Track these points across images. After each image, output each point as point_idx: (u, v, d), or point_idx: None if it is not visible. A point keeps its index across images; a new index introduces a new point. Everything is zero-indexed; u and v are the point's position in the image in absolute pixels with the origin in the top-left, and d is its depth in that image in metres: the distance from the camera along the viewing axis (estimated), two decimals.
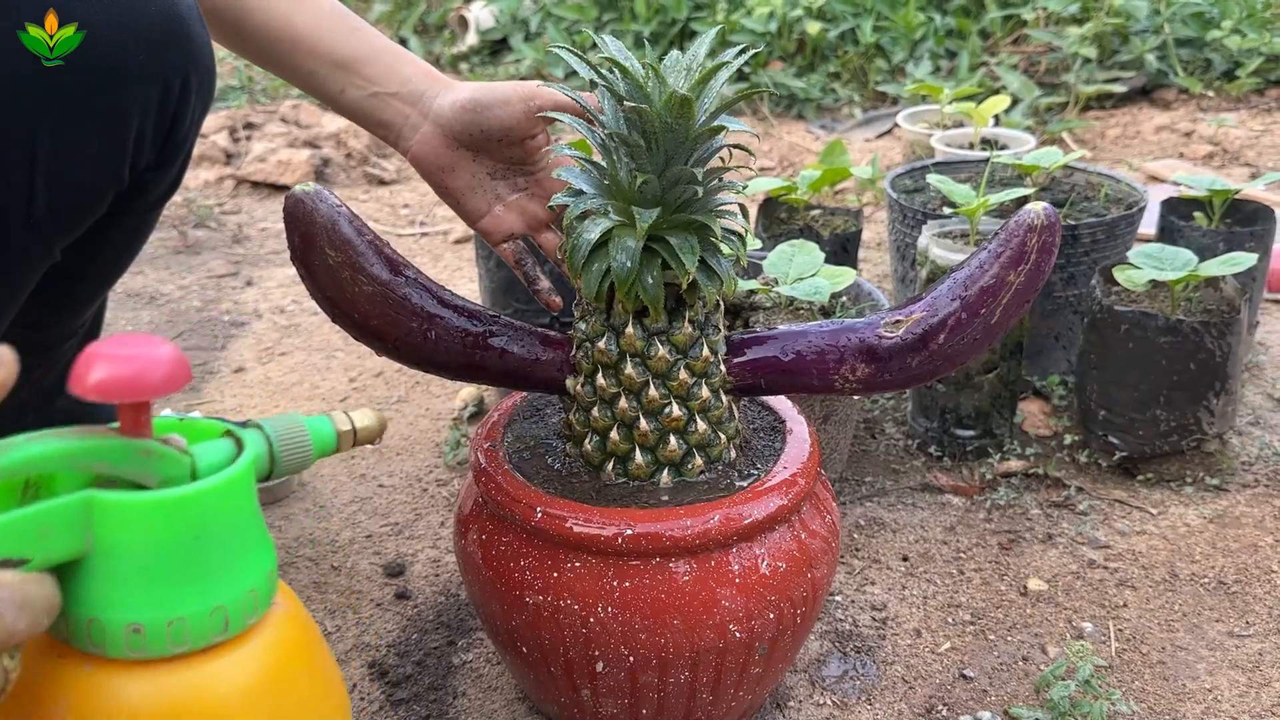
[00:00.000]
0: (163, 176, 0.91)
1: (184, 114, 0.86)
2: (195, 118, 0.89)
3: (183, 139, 0.89)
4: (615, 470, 0.76)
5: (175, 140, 0.88)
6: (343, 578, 1.01)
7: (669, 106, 0.67)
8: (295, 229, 0.67)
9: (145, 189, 0.90)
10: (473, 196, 0.90)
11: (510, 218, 0.91)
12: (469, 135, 0.86)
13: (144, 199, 0.92)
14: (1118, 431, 1.13)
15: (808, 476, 0.76)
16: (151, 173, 0.89)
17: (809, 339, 0.76)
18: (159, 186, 0.92)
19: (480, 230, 0.92)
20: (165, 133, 0.86)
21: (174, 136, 0.87)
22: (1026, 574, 1.01)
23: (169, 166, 0.91)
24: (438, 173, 0.88)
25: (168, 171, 0.91)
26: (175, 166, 0.92)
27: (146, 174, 0.88)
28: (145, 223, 0.97)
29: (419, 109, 0.87)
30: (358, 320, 0.70)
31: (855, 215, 1.40)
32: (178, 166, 0.92)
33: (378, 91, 0.86)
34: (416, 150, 0.88)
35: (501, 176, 0.90)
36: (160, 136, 0.86)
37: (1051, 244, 0.73)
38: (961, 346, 0.74)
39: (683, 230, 0.71)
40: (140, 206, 0.92)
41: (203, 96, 0.88)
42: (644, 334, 0.73)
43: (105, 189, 0.84)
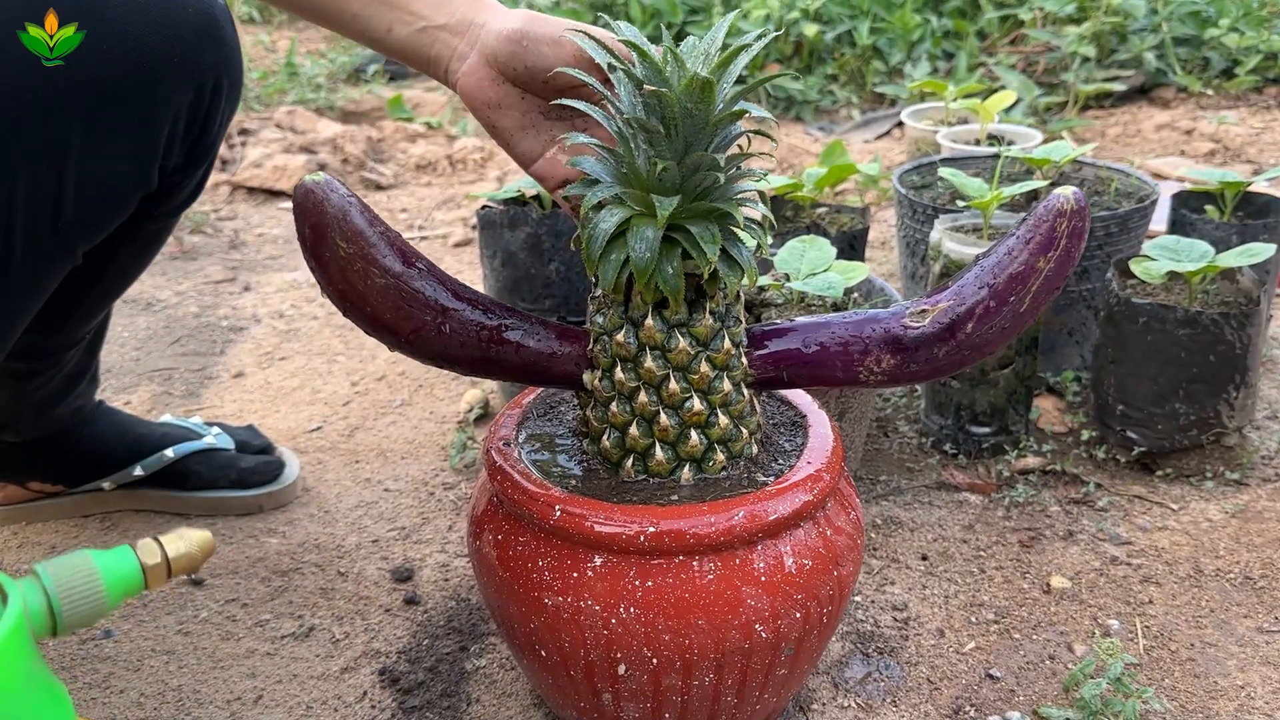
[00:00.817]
0: (188, 180, 0.90)
1: (214, 116, 0.85)
2: (224, 121, 0.88)
3: (211, 142, 0.88)
4: (635, 467, 0.74)
5: (205, 143, 0.87)
6: (350, 583, 0.99)
7: (689, 90, 0.65)
8: (305, 220, 0.65)
9: (170, 193, 0.89)
10: (524, 138, 0.79)
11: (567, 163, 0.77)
12: (514, 71, 0.75)
13: (168, 203, 0.90)
14: (1136, 426, 1.11)
15: (832, 471, 0.74)
16: (178, 175, 0.88)
17: (832, 330, 0.74)
18: (183, 191, 0.91)
19: (534, 175, 0.81)
20: (196, 135, 0.85)
21: (204, 139, 0.86)
22: (1049, 571, 0.99)
23: (195, 170, 0.90)
24: (485, 109, 0.78)
25: (193, 175, 0.90)
26: (201, 170, 0.91)
27: (173, 177, 0.87)
28: (164, 229, 0.95)
29: (467, 38, 0.77)
30: (370, 314, 0.68)
31: (862, 213, 1.38)
32: (203, 171, 0.91)
33: (425, 25, 0.77)
34: (463, 83, 0.77)
35: (558, 117, 0.79)
36: (191, 138, 0.85)
37: (1081, 229, 0.71)
38: (990, 335, 0.72)
39: (703, 218, 0.69)
40: (163, 211, 0.91)
41: (232, 100, 0.87)
42: (664, 326, 0.71)
43: (134, 191, 0.82)
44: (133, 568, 0.52)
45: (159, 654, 0.91)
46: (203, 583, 1.00)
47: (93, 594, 0.50)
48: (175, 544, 0.53)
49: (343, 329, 1.51)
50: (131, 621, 0.95)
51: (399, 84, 2.89)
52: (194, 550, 0.54)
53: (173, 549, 0.53)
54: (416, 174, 2.19)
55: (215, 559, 1.03)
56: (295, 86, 2.74)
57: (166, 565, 0.53)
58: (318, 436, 1.24)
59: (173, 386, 1.36)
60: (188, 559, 0.54)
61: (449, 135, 2.38)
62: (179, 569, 0.54)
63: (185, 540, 0.54)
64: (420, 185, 2.14)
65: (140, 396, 1.33)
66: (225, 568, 1.02)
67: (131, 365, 1.41)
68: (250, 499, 1.09)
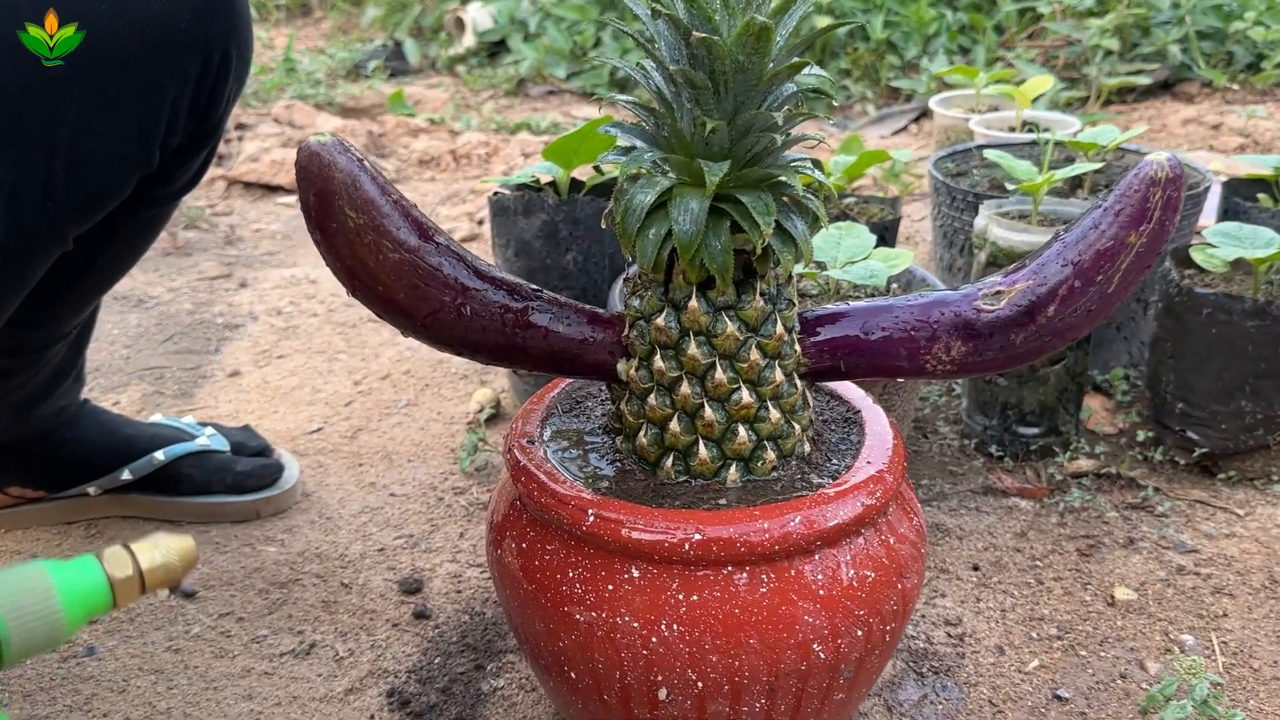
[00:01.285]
0: (190, 163, 0.83)
1: (221, 91, 0.79)
2: (231, 98, 0.82)
3: (218, 120, 0.82)
4: (675, 467, 0.66)
5: (211, 121, 0.81)
6: (354, 596, 0.91)
7: (744, 39, 0.57)
8: (310, 186, 0.58)
9: (171, 176, 0.82)
10: None
11: None
12: None
13: (167, 187, 0.84)
14: (1196, 425, 1.04)
15: (895, 473, 0.67)
16: (180, 157, 0.81)
17: (895, 314, 0.66)
18: (185, 174, 0.84)
19: None
20: (202, 111, 0.78)
21: (210, 116, 0.80)
22: (1111, 582, 0.92)
23: (199, 151, 0.83)
24: None
25: (196, 157, 0.84)
26: (204, 152, 0.84)
27: (175, 158, 0.80)
28: (160, 216, 0.88)
29: None
30: (381, 294, 0.60)
31: (892, 203, 1.31)
32: (206, 152, 0.85)
33: None
34: None
35: None
36: (196, 115, 0.78)
37: (1176, 200, 0.63)
38: (1074, 320, 0.64)
39: (755, 188, 0.61)
40: (161, 195, 0.84)
41: (240, 75, 0.81)
42: (709, 309, 0.64)
43: (133, 171, 0.76)
44: (98, 582, 0.43)
45: (146, 673, 0.83)
46: (195, 595, 0.92)
47: (47, 615, 0.42)
48: (150, 553, 0.44)
49: (344, 326, 1.43)
50: (117, 638, 0.87)
51: (400, 80, 2.82)
52: (172, 560, 0.46)
53: (146, 559, 0.44)
54: (419, 169, 2.12)
55: (209, 569, 0.95)
56: (293, 82, 2.67)
57: (139, 578, 0.45)
58: (318, 438, 1.16)
59: (164, 386, 1.28)
60: (164, 571, 0.45)
61: (452, 130, 2.31)
62: (155, 582, 0.45)
63: (162, 549, 0.45)
64: (423, 180, 2.06)
65: (130, 396, 1.26)
66: (219, 579, 0.94)
67: (121, 364, 1.33)
68: (247, 504, 1.01)
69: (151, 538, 0.45)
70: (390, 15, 3.26)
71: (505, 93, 2.72)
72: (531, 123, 2.35)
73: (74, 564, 0.42)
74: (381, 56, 2.93)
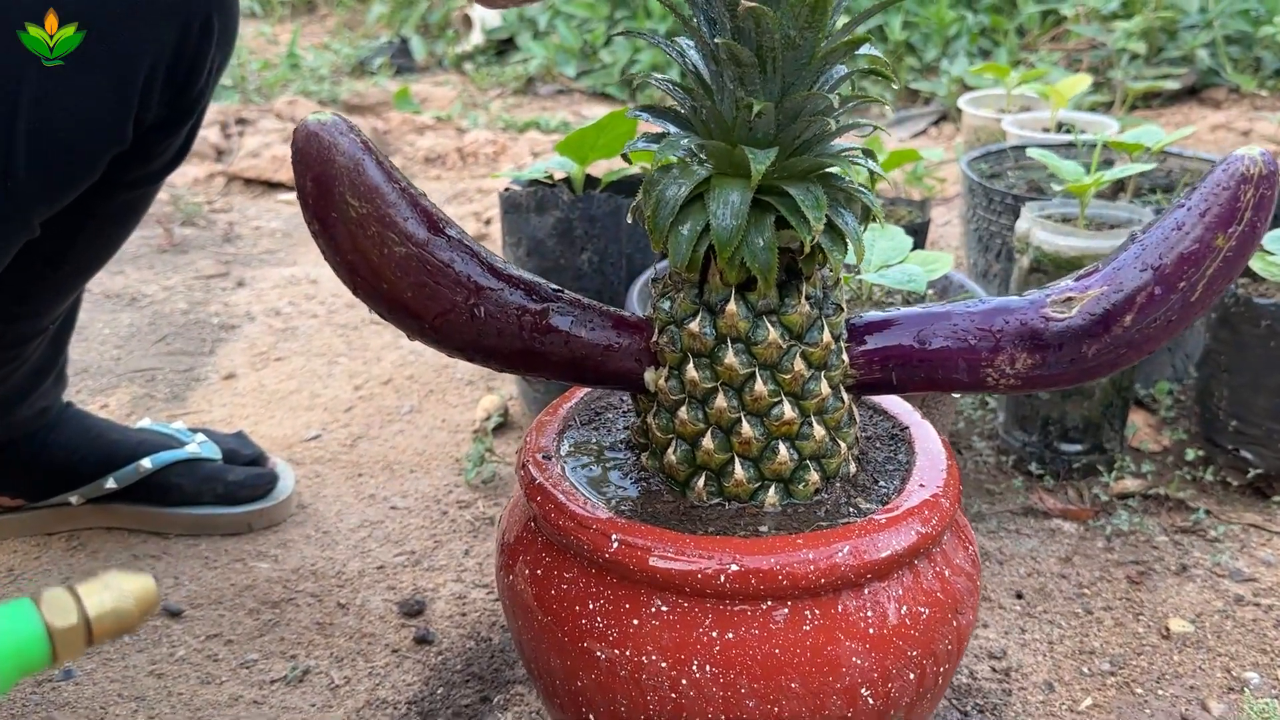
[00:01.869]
0: (170, 139, 0.77)
1: (202, 62, 0.72)
2: (215, 70, 0.75)
3: (199, 93, 0.75)
4: (707, 488, 0.60)
5: (191, 94, 0.74)
6: (351, 618, 0.85)
7: (796, 10, 0.51)
8: (307, 171, 0.52)
9: (148, 154, 0.76)
10: None
11: None
12: None
13: (145, 167, 0.77)
14: (1251, 445, 0.97)
15: (951, 497, 0.60)
16: (158, 133, 0.74)
17: (953, 322, 0.60)
18: (164, 152, 0.78)
19: None
20: (181, 83, 0.71)
21: (189, 89, 0.73)
22: (1165, 612, 0.85)
23: (179, 127, 0.76)
24: None
25: (176, 134, 0.77)
26: (185, 128, 0.77)
27: (152, 134, 0.74)
28: (141, 199, 0.82)
29: None
30: (386, 293, 0.54)
31: (921, 205, 1.25)
32: (188, 129, 0.78)
33: None
34: None
35: None
36: (174, 87, 0.71)
37: (1270, 199, 0.57)
38: (1152, 331, 0.58)
39: (803, 179, 0.55)
40: (139, 177, 0.78)
41: (224, 44, 0.74)
42: (749, 313, 0.57)
43: (103, 149, 0.69)
44: (33, 632, 0.36)
45: (127, 700, 0.77)
46: (181, 614, 0.86)
47: None
48: (98, 596, 0.37)
49: (345, 328, 1.37)
50: (96, 660, 0.81)
51: (406, 77, 2.76)
52: (126, 605, 0.38)
53: (94, 604, 0.37)
54: (425, 167, 2.06)
55: (197, 586, 0.89)
56: (297, 78, 2.61)
57: (85, 628, 0.37)
58: (316, 446, 1.10)
59: (155, 388, 1.22)
60: (115, 618, 0.38)
61: (459, 128, 2.25)
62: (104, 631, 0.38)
63: (113, 591, 0.38)
64: (429, 179, 2.00)
65: (119, 399, 1.19)
66: (208, 596, 0.88)
67: (111, 365, 1.27)
68: (238, 516, 0.95)
69: (102, 578, 0.38)
70: (397, 12, 3.20)
71: (514, 91, 2.67)
72: (540, 121, 2.29)
73: (7, 609, 0.35)
74: (387, 53, 2.87)
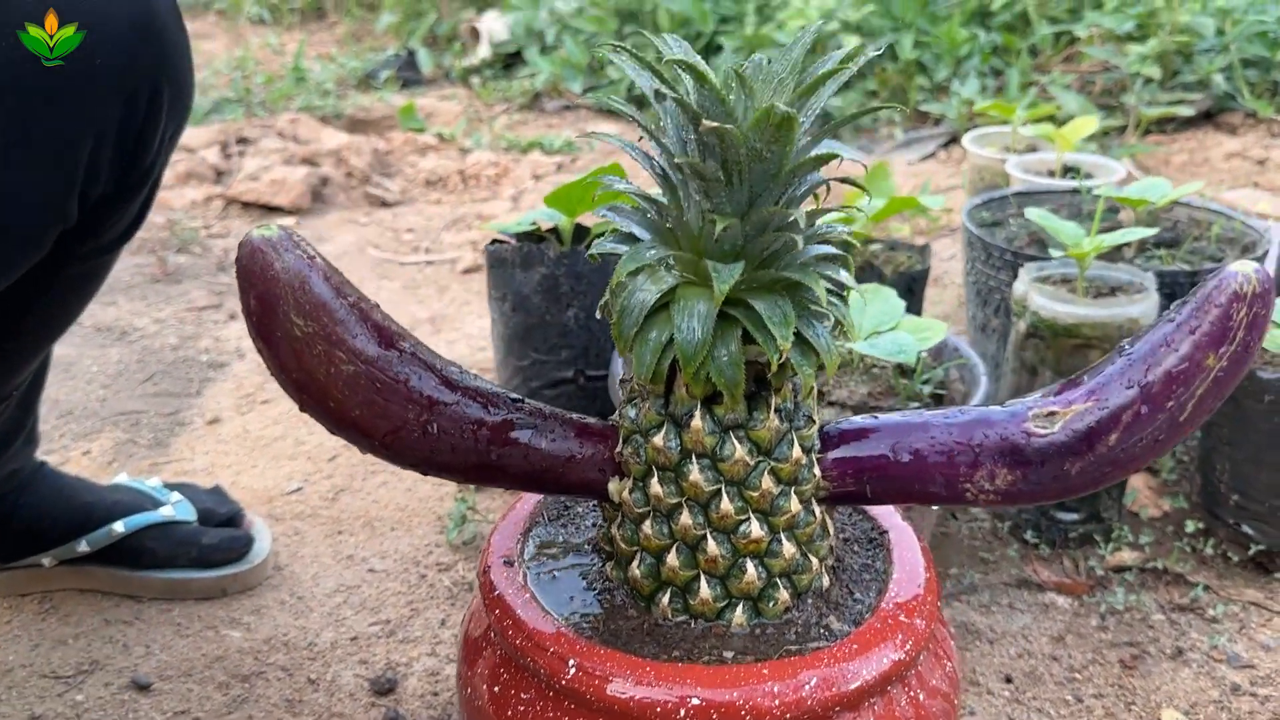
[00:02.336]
0: (120, 213, 0.74)
1: (152, 134, 0.69)
2: (167, 139, 0.72)
3: (150, 166, 0.72)
4: (672, 604, 0.58)
5: (141, 167, 0.71)
6: (321, 694, 0.83)
7: (761, 127, 0.49)
8: (251, 289, 0.50)
9: (99, 227, 0.73)
10: None
11: None
12: None
13: (96, 240, 0.74)
14: (1253, 520, 0.94)
15: (926, 615, 0.58)
16: (108, 206, 0.72)
17: (931, 434, 0.58)
18: (116, 224, 0.75)
19: None
20: (129, 157, 0.69)
21: (138, 162, 0.70)
22: (1159, 702, 0.83)
23: (130, 199, 0.73)
24: None
25: (127, 206, 0.74)
26: (139, 200, 0.74)
27: (102, 207, 0.71)
28: (97, 269, 0.79)
29: None
30: (333, 410, 0.52)
31: (921, 251, 1.22)
32: (142, 199, 0.75)
33: None
34: None
35: None
36: (122, 161, 0.69)
37: (1263, 318, 0.54)
38: (1139, 449, 0.56)
39: (771, 292, 0.53)
40: (91, 250, 0.75)
41: (176, 114, 0.71)
42: (715, 428, 0.55)
43: (46, 227, 0.67)
44: None
45: None
46: (150, 688, 0.84)
47: None
48: None
49: None
50: None
51: (413, 90, 2.74)
52: None
53: None
54: (425, 190, 2.04)
55: (168, 655, 0.87)
56: (302, 92, 2.60)
57: None
58: (297, 500, 1.08)
59: (139, 434, 1.20)
60: None
61: (462, 148, 2.23)
62: None
63: None
64: (429, 203, 1.98)
65: (102, 445, 1.18)
66: (178, 667, 0.86)
67: (96, 406, 1.26)
68: (212, 581, 0.94)
69: None
70: (405, 23, 3.18)
71: (520, 106, 2.64)
72: (544, 141, 2.27)
73: None
74: (394, 66, 2.85)
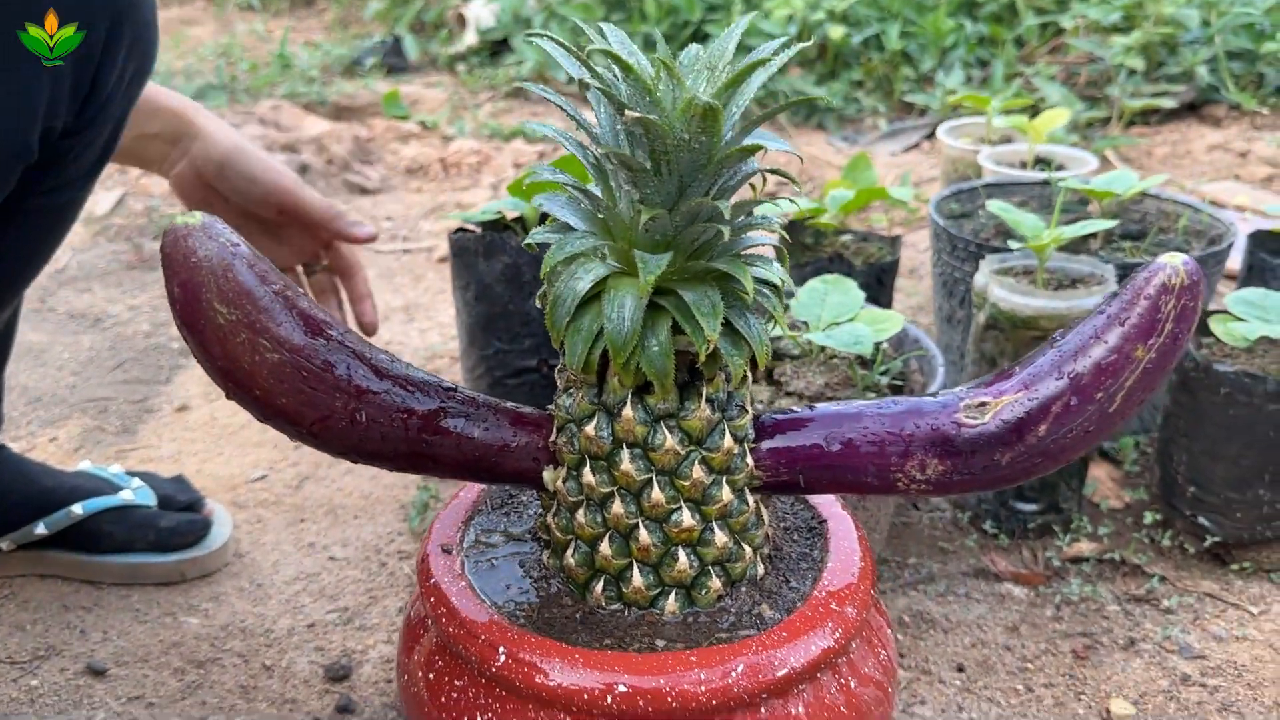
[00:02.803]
0: (83, 145, 0.72)
1: (109, 69, 0.69)
2: (128, 80, 0.72)
3: (106, 100, 0.71)
4: (606, 593, 0.58)
5: (97, 100, 0.70)
6: (276, 681, 0.83)
7: (687, 118, 0.49)
8: (174, 276, 0.50)
9: (62, 161, 0.72)
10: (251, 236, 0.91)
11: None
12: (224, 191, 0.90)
13: (60, 174, 0.73)
14: (1209, 512, 0.95)
15: (859, 604, 0.58)
16: (67, 140, 0.71)
17: (864, 424, 0.58)
18: (80, 158, 0.73)
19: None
20: (86, 90, 0.69)
21: (95, 96, 0.70)
22: (1108, 691, 0.83)
23: (90, 132, 0.72)
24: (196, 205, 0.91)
25: (90, 138, 0.73)
26: (101, 134, 0.73)
27: (62, 142, 0.70)
28: (63, 206, 0.77)
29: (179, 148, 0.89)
30: (260, 398, 0.52)
31: (891, 243, 1.22)
32: (105, 137, 0.74)
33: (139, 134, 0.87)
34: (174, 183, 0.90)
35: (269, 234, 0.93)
36: (79, 94, 0.68)
37: (1192, 310, 0.55)
38: (1069, 441, 0.56)
39: (701, 282, 0.53)
40: (56, 185, 0.74)
41: (137, 55, 0.71)
42: (646, 417, 0.55)
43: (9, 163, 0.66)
44: None
45: None
46: (106, 673, 0.84)
47: None
48: None
49: None
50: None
51: (398, 78, 2.74)
52: None
53: None
54: (406, 178, 2.03)
55: (125, 642, 0.87)
56: (287, 79, 2.59)
57: None
58: (261, 488, 1.08)
59: (107, 420, 1.20)
60: None
61: (444, 136, 2.22)
62: None
63: None
64: (410, 191, 1.98)
65: (69, 431, 1.18)
66: (134, 653, 0.86)
67: (66, 393, 1.26)
68: (170, 565, 0.94)
69: None
70: (392, 9, 3.17)
71: (505, 94, 2.64)
72: (527, 130, 2.26)
73: None
74: (380, 53, 2.84)
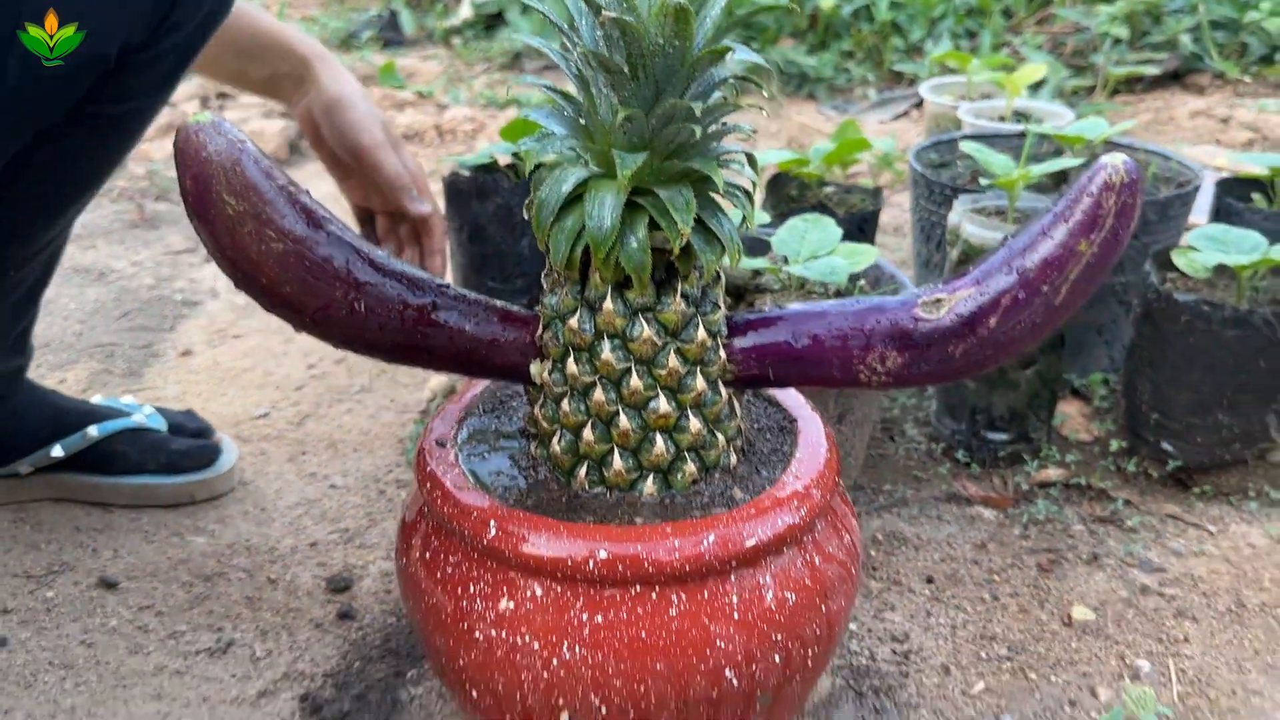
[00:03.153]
0: (149, 61, 0.75)
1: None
2: (205, 9, 0.75)
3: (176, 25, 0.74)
4: (589, 477, 0.62)
5: (170, 20, 0.73)
6: (280, 592, 0.88)
7: (661, 18, 0.53)
8: (186, 170, 0.54)
9: (131, 73, 0.74)
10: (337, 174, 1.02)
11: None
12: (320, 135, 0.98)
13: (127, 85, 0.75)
14: (1172, 438, 0.99)
15: (823, 488, 0.63)
16: (143, 54, 0.73)
17: (828, 320, 0.62)
18: (145, 74, 0.75)
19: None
20: (168, 6, 0.72)
21: (171, 16, 0.73)
22: (1070, 600, 0.87)
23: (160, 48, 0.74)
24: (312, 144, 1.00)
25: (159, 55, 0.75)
26: (169, 54, 0.76)
27: (138, 54, 0.73)
28: (129, 115, 0.79)
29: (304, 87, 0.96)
30: (265, 286, 0.56)
31: (874, 194, 1.26)
32: (172, 56, 0.76)
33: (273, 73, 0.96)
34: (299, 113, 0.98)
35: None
36: (161, 11, 0.72)
37: (1132, 206, 0.59)
38: (1017, 332, 0.60)
39: (676, 181, 0.57)
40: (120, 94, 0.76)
41: None
42: (626, 310, 0.59)
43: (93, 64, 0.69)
44: None
45: (57, 668, 0.80)
46: (117, 586, 0.89)
47: None
48: None
49: None
50: (31, 629, 0.84)
51: (394, 51, 2.77)
52: None
53: None
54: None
55: (134, 559, 0.92)
56: None
57: None
58: (264, 424, 1.13)
59: (113, 364, 1.25)
60: None
61: (439, 104, 2.26)
62: None
63: None
64: None
65: (77, 374, 1.22)
66: (144, 569, 0.91)
67: (72, 340, 1.30)
68: (180, 486, 0.98)
69: None
70: None
71: (500, 67, 2.67)
72: (522, 99, 2.30)
73: None
74: (376, 26, 2.88)
